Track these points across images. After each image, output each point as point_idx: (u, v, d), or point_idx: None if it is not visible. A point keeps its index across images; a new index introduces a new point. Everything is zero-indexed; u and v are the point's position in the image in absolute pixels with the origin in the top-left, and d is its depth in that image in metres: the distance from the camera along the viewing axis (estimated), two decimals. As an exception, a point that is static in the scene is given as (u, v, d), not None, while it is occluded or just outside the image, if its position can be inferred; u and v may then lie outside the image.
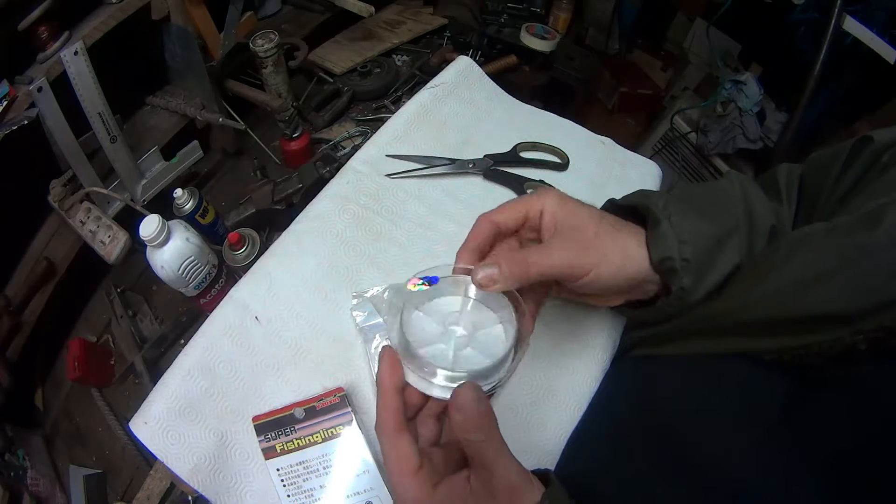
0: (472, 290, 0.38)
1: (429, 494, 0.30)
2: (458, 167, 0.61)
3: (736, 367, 0.36)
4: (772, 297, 0.34)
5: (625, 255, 0.39)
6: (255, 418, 0.45)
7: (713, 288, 0.38)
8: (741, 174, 0.44)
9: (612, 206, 0.46)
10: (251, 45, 0.84)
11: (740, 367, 0.36)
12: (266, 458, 0.44)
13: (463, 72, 0.69)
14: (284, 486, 0.43)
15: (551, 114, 0.70)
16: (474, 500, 0.30)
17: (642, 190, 0.45)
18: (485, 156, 0.62)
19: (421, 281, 0.37)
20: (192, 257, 0.62)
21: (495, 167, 0.61)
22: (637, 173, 0.65)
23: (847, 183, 0.39)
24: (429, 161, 0.61)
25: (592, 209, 0.40)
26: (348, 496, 0.42)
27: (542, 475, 0.32)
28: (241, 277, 0.53)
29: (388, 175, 0.59)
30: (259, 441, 0.44)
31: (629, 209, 0.43)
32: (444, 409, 0.36)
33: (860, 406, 0.29)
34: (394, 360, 0.34)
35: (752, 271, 0.38)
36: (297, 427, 0.44)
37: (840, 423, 0.29)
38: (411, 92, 1.01)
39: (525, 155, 0.63)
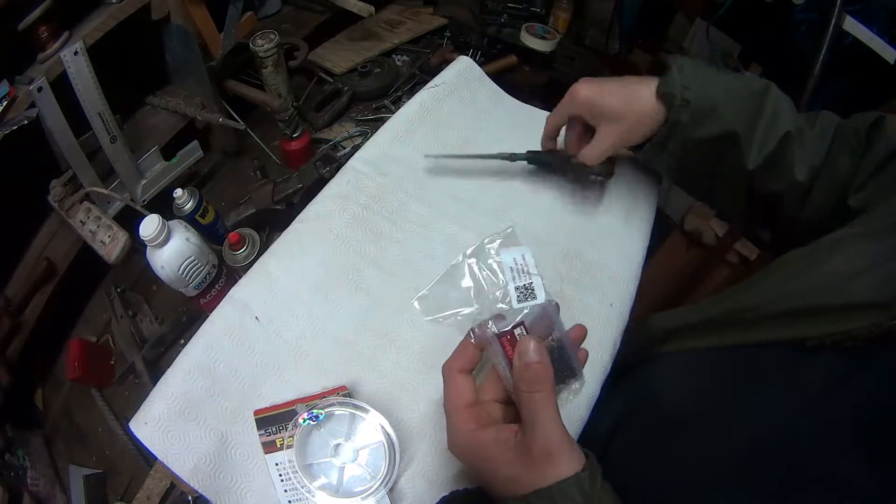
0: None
1: (475, 430, 0.33)
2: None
3: (777, 354, 0.39)
4: (814, 288, 0.38)
5: (644, 105, 0.49)
6: (256, 412, 0.45)
7: (707, 138, 0.47)
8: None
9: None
10: (251, 45, 0.84)
11: (781, 354, 0.38)
12: (266, 453, 0.44)
13: (463, 72, 0.69)
14: (282, 480, 0.43)
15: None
16: (516, 451, 0.32)
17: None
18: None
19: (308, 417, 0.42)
20: (192, 257, 0.62)
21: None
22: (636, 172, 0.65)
23: (872, 163, 0.45)
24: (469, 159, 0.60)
25: (622, 90, 0.50)
26: (348, 496, 0.42)
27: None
28: (241, 277, 0.53)
29: (427, 155, 0.60)
30: (259, 435, 0.44)
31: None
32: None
33: None
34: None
35: (794, 266, 0.42)
36: (297, 425, 0.44)
37: (879, 398, 0.32)
38: (411, 92, 1.01)
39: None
